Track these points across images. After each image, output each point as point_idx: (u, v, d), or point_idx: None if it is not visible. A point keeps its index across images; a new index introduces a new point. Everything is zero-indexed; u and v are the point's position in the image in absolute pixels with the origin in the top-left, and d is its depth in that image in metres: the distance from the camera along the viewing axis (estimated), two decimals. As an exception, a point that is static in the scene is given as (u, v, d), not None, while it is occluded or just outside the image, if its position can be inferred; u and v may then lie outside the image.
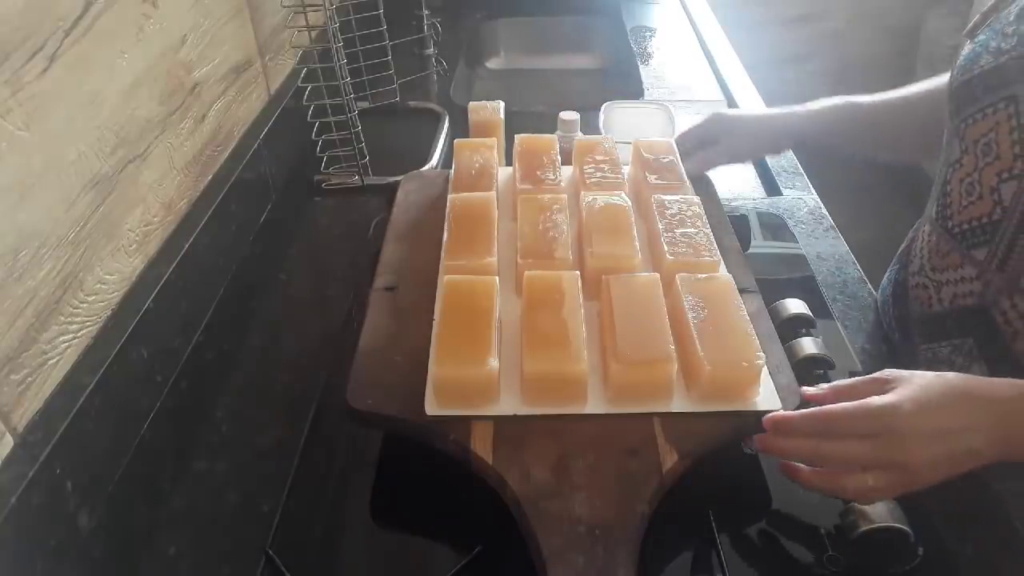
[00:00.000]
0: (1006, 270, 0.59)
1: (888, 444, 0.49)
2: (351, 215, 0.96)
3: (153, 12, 0.70)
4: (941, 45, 2.43)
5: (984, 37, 0.62)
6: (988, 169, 0.60)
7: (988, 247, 0.61)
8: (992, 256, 0.60)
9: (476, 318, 0.60)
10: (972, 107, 0.62)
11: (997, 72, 0.59)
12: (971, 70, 0.62)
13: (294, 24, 1.00)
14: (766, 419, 0.55)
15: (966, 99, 0.62)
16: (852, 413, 0.51)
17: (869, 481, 0.50)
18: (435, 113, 1.17)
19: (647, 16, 1.58)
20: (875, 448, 0.50)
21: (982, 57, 0.61)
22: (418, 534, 0.59)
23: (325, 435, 0.66)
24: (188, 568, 0.56)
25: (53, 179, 0.56)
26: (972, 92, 0.61)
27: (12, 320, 0.52)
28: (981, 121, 0.61)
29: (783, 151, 1.01)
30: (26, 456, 0.52)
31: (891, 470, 0.50)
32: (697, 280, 0.63)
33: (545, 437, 0.55)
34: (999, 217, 0.59)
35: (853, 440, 0.51)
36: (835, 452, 0.51)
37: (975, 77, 0.61)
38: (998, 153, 0.59)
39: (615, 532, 0.49)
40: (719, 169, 0.89)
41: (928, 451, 0.49)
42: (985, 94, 0.60)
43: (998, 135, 0.59)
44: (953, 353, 0.65)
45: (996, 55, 0.59)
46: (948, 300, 0.65)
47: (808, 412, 0.53)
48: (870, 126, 0.81)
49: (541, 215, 0.72)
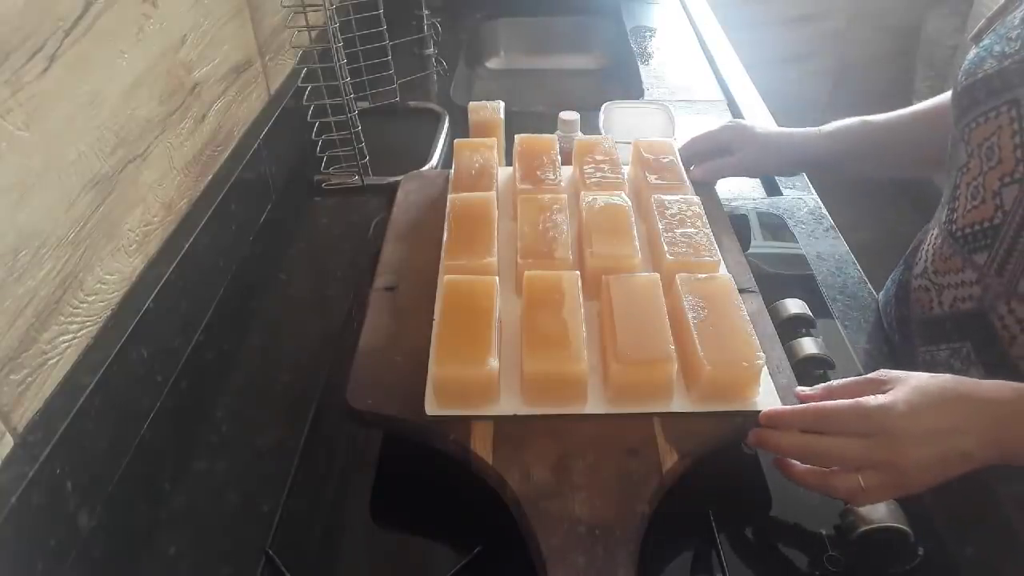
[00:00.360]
0: (1004, 274, 0.59)
1: (880, 444, 0.49)
2: (351, 215, 0.96)
3: (153, 12, 0.70)
4: (941, 45, 2.43)
5: (988, 42, 0.62)
6: (991, 173, 0.60)
7: (988, 251, 0.61)
8: (992, 260, 0.60)
9: (476, 318, 0.60)
10: (975, 111, 0.62)
11: (1000, 76, 0.59)
12: (975, 74, 0.62)
13: (294, 24, 1.00)
14: (762, 414, 0.55)
15: (970, 103, 0.62)
16: (846, 411, 0.51)
17: (860, 481, 0.50)
18: (435, 113, 1.17)
19: (647, 16, 1.58)
20: (867, 448, 0.50)
21: (986, 61, 0.61)
22: (418, 534, 0.59)
23: (325, 435, 0.66)
24: (188, 568, 0.56)
25: (53, 179, 0.56)
26: (976, 96, 0.61)
27: (12, 320, 0.52)
28: (984, 125, 0.61)
29: (797, 174, 0.99)
30: (26, 456, 0.52)
31: (882, 471, 0.50)
32: (697, 280, 0.63)
33: (545, 437, 0.55)
34: (1000, 221, 0.59)
35: (845, 439, 0.51)
36: (827, 449, 0.51)
37: (979, 81, 0.61)
38: (1000, 157, 0.59)
39: (615, 532, 0.49)
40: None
41: (919, 452, 0.49)
42: (988, 98, 0.60)
43: (1000, 139, 0.59)
44: (951, 357, 0.65)
45: (1000, 59, 0.59)
46: (948, 304, 0.65)
47: (802, 407, 0.54)
48: (888, 144, 0.80)
49: (541, 215, 0.72)
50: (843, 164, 0.83)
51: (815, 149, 0.82)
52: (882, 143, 0.80)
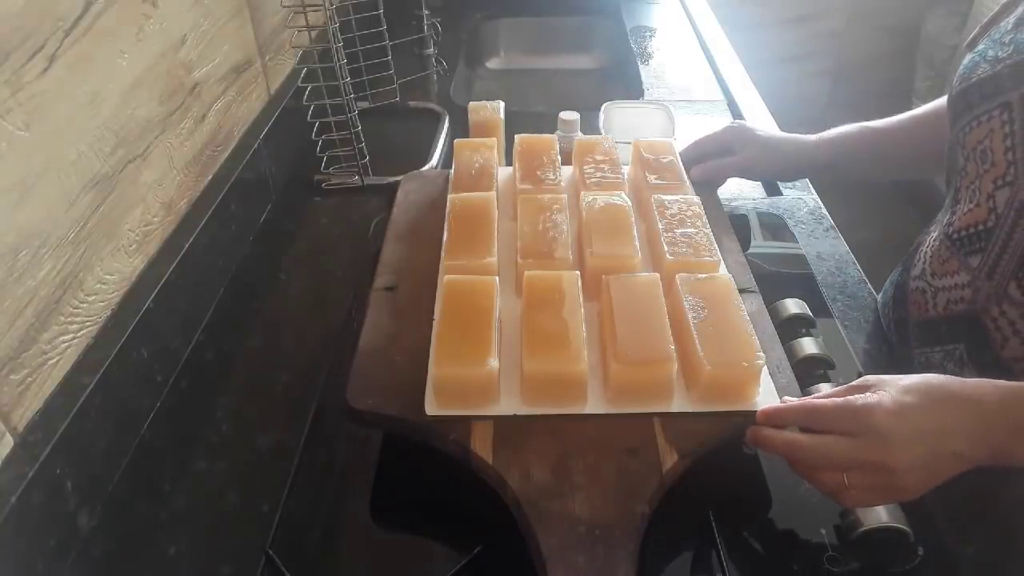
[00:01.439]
0: (994, 277, 0.60)
1: (867, 443, 0.49)
2: (351, 215, 0.96)
3: (153, 12, 0.70)
4: (941, 45, 2.43)
5: (983, 47, 0.62)
6: (986, 176, 0.60)
7: (982, 254, 0.61)
8: (984, 263, 0.61)
9: (476, 318, 0.60)
10: (969, 115, 0.62)
11: (993, 80, 0.59)
12: (969, 79, 0.62)
13: (294, 24, 1.00)
14: (759, 412, 0.55)
15: (964, 108, 0.63)
16: (835, 408, 0.51)
17: (844, 479, 0.50)
18: (435, 113, 1.17)
19: (647, 16, 1.58)
20: (853, 446, 0.49)
21: (979, 66, 0.61)
22: (418, 534, 0.59)
23: (325, 435, 0.66)
24: (188, 568, 0.56)
25: (53, 179, 0.56)
26: (969, 100, 0.62)
27: (12, 320, 0.52)
28: (977, 128, 0.61)
29: (800, 179, 0.98)
30: (26, 456, 0.52)
31: (870, 472, 0.49)
32: (697, 280, 0.63)
33: (545, 437, 0.55)
34: (993, 224, 0.60)
35: (834, 437, 0.51)
36: (813, 447, 0.51)
37: (972, 85, 0.62)
38: (993, 160, 0.59)
39: (615, 532, 0.49)
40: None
41: (909, 453, 0.49)
42: (981, 102, 0.61)
43: (992, 142, 0.59)
44: (945, 359, 0.66)
45: (993, 64, 0.60)
46: (943, 306, 0.65)
47: (796, 404, 0.54)
48: (890, 148, 0.80)
49: (541, 215, 0.72)
50: (845, 168, 0.83)
51: (816, 154, 0.82)
52: (884, 147, 0.80)
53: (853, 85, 2.61)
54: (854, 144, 0.81)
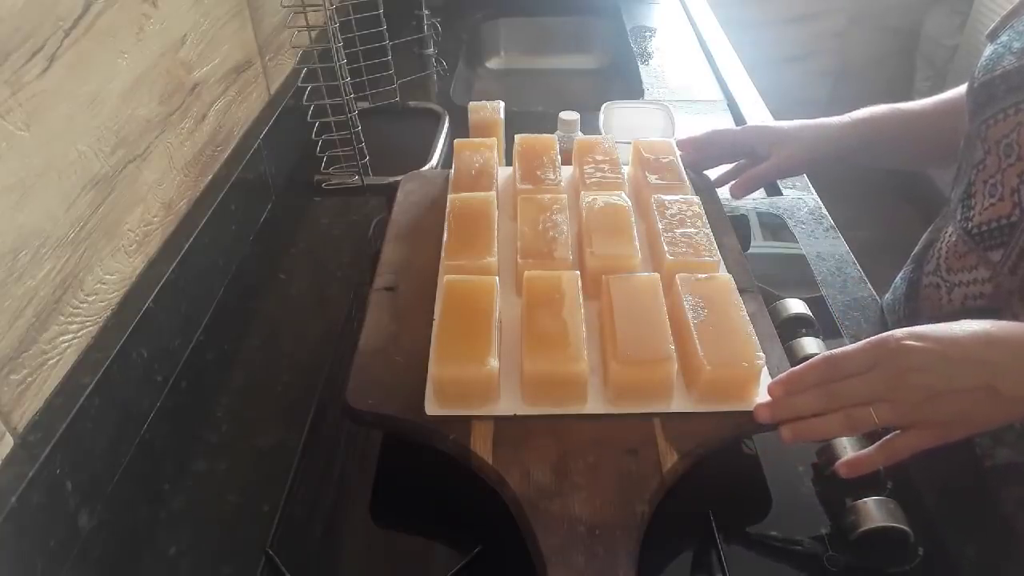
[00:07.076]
0: (1018, 272, 0.59)
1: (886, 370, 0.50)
2: (351, 215, 0.96)
3: (153, 12, 0.70)
4: (941, 45, 2.43)
5: (1007, 38, 0.62)
6: (1010, 170, 0.59)
7: (1004, 249, 0.60)
8: (1007, 258, 0.60)
9: (476, 318, 0.60)
10: (994, 107, 0.61)
11: (1020, 72, 0.59)
12: (993, 70, 0.61)
13: (294, 24, 1.00)
14: (772, 383, 0.55)
15: (988, 99, 0.62)
16: (852, 349, 0.52)
17: (872, 414, 0.50)
18: (435, 113, 1.17)
19: (647, 16, 1.58)
20: (874, 376, 0.50)
21: (1004, 58, 0.60)
22: (418, 534, 0.59)
23: (325, 435, 0.66)
24: (188, 568, 0.56)
25: (53, 179, 0.56)
26: (994, 92, 0.61)
27: (12, 320, 0.52)
28: (1003, 121, 0.60)
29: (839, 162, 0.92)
30: (26, 456, 0.52)
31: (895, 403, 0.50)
32: (697, 280, 0.63)
33: (545, 437, 0.55)
34: (1017, 219, 0.59)
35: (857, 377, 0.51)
36: (839, 389, 0.52)
37: (997, 77, 0.61)
38: (1019, 154, 0.58)
39: (615, 532, 0.49)
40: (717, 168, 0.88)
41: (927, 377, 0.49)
42: (1007, 94, 0.60)
43: (1019, 136, 0.58)
44: None
45: (1019, 56, 0.59)
46: (959, 301, 0.65)
47: (811, 361, 0.54)
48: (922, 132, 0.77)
49: (541, 215, 0.72)
50: (876, 153, 0.80)
51: (848, 139, 0.78)
52: (917, 131, 0.78)
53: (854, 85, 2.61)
54: (887, 127, 0.77)
